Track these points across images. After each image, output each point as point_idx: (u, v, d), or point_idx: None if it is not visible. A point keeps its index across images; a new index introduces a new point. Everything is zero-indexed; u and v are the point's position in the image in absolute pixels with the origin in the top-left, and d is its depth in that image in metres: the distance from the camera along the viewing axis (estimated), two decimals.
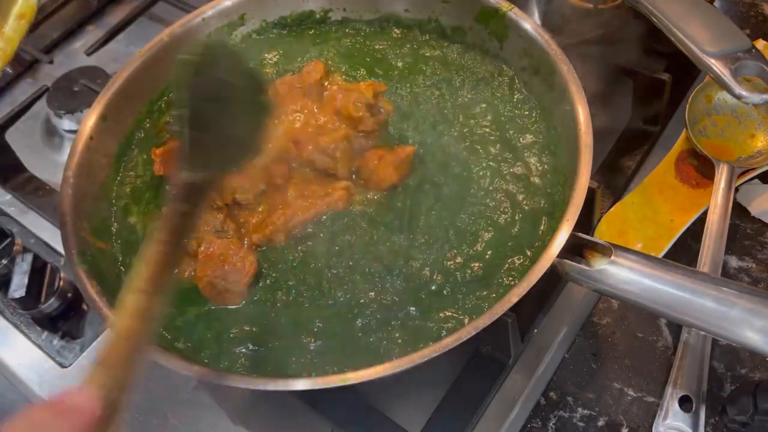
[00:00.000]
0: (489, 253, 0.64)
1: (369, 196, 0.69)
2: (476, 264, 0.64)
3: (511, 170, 0.70)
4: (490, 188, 0.69)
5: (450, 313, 0.61)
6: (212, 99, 0.52)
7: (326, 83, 0.78)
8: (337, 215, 0.67)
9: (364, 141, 0.72)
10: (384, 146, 0.72)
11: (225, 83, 0.54)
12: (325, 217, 0.67)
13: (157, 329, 0.46)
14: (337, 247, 0.66)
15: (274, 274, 0.65)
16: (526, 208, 0.67)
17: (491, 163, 0.70)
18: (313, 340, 0.61)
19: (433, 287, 0.63)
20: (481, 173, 0.70)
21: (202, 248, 0.65)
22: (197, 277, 0.64)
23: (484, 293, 0.62)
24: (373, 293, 0.63)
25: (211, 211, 0.68)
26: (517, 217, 0.66)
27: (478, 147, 0.72)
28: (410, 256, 0.65)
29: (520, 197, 0.68)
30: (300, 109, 0.74)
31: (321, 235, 0.67)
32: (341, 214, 0.68)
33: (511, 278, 0.62)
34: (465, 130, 0.73)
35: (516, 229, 0.65)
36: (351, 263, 0.65)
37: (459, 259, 0.64)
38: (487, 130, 0.73)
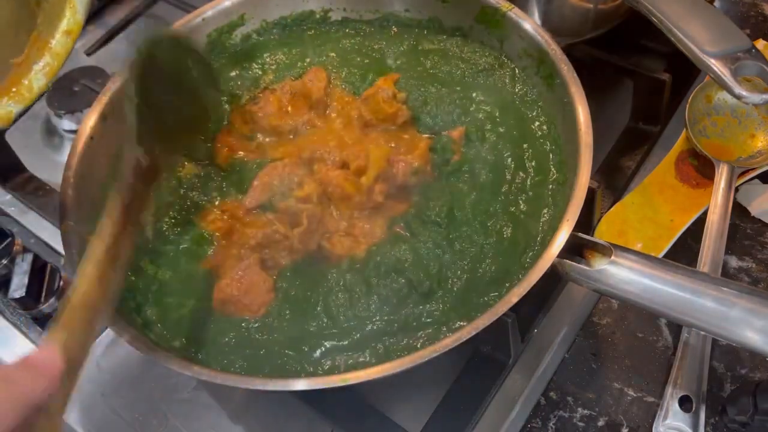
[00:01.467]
0: (490, 252, 0.64)
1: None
2: (483, 264, 0.64)
3: (511, 170, 0.70)
4: (490, 188, 0.68)
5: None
6: (156, 87, 0.59)
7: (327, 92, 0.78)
8: None
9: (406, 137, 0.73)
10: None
11: (166, 72, 0.61)
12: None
13: (115, 299, 0.49)
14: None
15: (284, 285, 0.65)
16: (526, 207, 0.67)
17: (491, 162, 0.70)
18: (316, 346, 0.61)
19: (456, 289, 0.63)
20: (481, 171, 0.70)
21: (240, 273, 0.63)
22: (218, 286, 0.64)
23: (489, 295, 0.62)
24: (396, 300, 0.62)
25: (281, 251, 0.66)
26: (517, 217, 0.66)
27: (478, 146, 0.71)
28: (447, 261, 0.64)
29: (521, 197, 0.68)
30: (310, 123, 0.74)
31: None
32: None
33: (512, 279, 0.62)
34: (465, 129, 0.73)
35: (516, 229, 0.65)
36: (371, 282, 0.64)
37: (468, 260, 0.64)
38: (487, 129, 0.73)
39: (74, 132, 0.98)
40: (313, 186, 0.67)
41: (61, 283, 0.80)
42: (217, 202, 0.70)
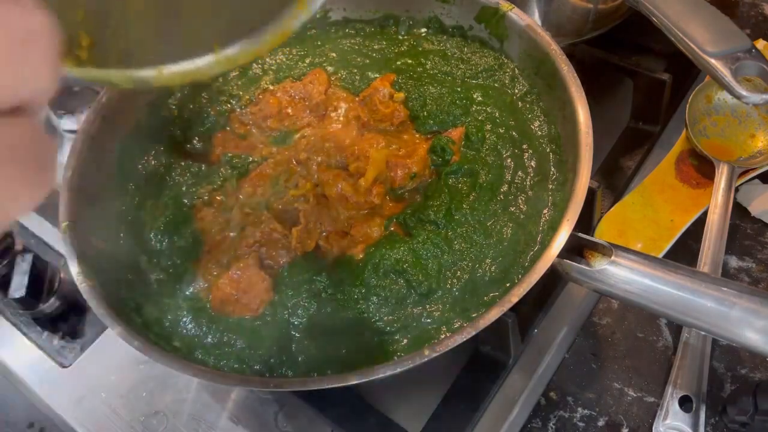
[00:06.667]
0: (490, 253, 0.64)
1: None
2: (483, 265, 0.64)
3: (511, 170, 0.70)
4: (490, 188, 0.68)
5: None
6: None
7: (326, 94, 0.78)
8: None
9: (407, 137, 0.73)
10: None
11: None
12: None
13: None
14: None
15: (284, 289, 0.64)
16: (526, 208, 0.67)
17: (491, 163, 0.70)
18: (313, 344, 0.61)
19: (456, 289, 0.63)
20: (480, 172, 0.70)
21: (239, 272, 0.63)
22: (216, 285, 0.64)
23: (489, 295, 0.62)
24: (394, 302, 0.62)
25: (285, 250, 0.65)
26: (517, 218, 0.66)
27: (478, 146, 0.71)
28: (450, 263, 0.64)
29: (521, 197, 0.68)
30: (310, 124, 0.74)
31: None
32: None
33: (512, 279, 0.62)
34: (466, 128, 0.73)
35: (516, 229, 0.65)
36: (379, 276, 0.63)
37: (469, 263, 0.64)
38: (487, 129, 0.73)
39: (74, 132, 0.98)
40: (309, 185, 0.67)
41: (61, 283, 0.80)
42: (211, 199, 0.70)
